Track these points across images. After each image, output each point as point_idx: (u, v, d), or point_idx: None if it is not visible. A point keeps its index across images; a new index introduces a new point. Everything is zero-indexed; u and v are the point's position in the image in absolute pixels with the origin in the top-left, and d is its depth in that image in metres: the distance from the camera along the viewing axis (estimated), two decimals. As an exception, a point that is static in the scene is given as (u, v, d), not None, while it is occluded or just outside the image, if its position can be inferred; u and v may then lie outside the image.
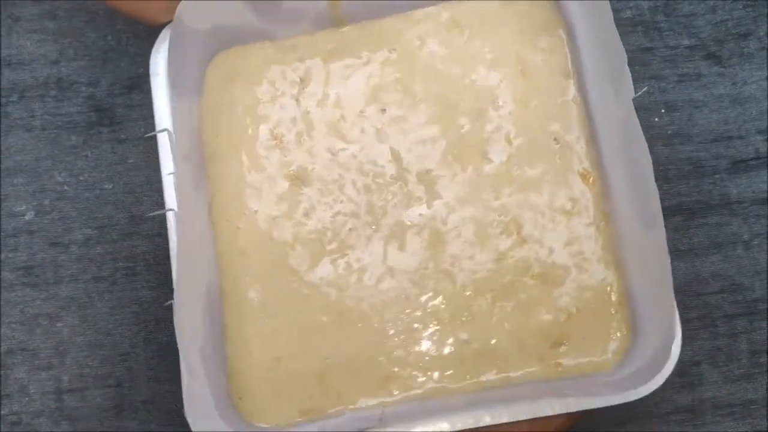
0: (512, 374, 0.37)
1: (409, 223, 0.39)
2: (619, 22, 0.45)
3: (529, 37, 0.41)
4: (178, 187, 0.37)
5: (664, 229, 0.34)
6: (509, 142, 0.40)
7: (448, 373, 0.37)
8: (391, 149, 0.40)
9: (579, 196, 0.39)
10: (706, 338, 0.41)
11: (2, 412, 0.41)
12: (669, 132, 0.44)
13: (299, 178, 0.40)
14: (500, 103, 0.40)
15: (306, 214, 0.40)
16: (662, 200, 0.43)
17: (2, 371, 0.42)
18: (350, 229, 0.39)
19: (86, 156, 0.44)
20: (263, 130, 0.41)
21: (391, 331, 0.38)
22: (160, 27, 0.40)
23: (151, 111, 0.44)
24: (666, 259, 0.34)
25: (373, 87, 0.41)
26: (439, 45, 0.41)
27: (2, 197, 0.44)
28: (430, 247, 0.39)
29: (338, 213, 0.40)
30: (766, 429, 0.40)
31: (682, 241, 0.42)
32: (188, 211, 0.38)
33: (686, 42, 0.45)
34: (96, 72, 0.45)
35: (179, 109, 0.39)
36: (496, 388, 0.37)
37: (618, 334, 0.37)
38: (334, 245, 0.39)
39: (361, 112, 0.41)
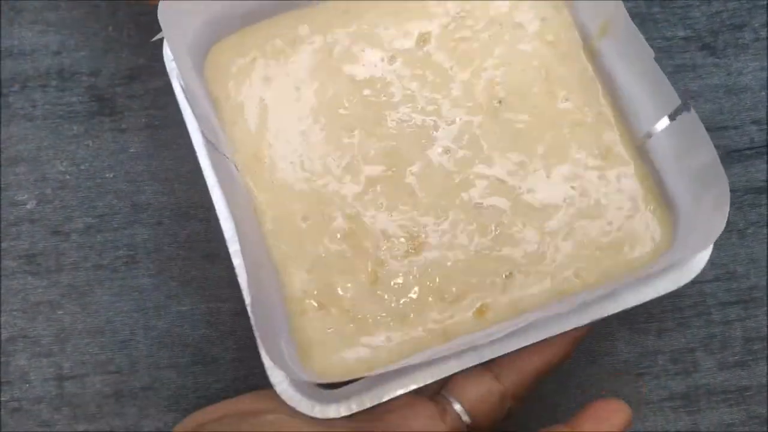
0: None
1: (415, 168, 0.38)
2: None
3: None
4: None
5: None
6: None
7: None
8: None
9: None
10: (701, 326, 0.42)
11: (3, 398, 0.41)
12: (664, 122, 0.44)
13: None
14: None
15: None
16: (658, 189, 0.43)
17: (3, 358, 0.42)
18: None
19: (87, 145, 0.45)
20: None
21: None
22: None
23: (151, 101, 0.45)
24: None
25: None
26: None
27: (4, 186, 0.44)
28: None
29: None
30: (760, 415, 0.41)
31: (677, 229, 0.43)
32: None
33: (681, 33, 0.45)
34: (97, 62, 0.46)
35: None
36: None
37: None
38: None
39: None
